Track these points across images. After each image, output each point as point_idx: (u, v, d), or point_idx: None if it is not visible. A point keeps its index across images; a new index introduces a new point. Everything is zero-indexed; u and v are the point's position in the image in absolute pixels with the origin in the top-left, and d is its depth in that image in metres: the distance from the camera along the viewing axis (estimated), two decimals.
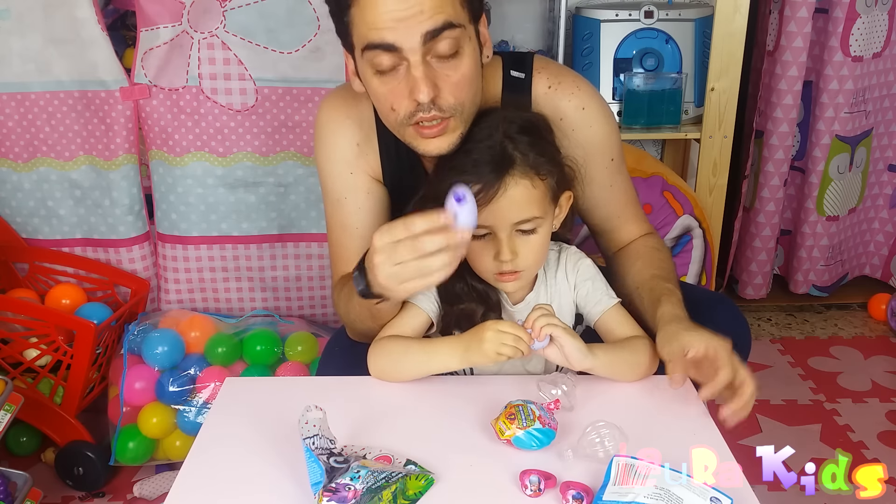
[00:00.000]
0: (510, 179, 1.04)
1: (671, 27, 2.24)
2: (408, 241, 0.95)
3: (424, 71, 1.03)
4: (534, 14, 2.46)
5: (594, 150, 1.21)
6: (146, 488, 1.78)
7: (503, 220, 1.05)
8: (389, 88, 1.07)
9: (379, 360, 1.12)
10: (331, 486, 0.85)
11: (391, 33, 1.01)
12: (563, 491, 0.87)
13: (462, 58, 1.05)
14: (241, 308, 2.03)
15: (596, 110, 1.22)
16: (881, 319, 2.58)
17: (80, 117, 1.87)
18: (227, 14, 1.79)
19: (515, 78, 1.22)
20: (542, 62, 1.24)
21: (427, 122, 1.07)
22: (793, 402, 2.14)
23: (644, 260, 1.25)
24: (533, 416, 0.96)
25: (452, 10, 1.02)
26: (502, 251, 1.06)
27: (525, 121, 1.09)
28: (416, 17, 1.00)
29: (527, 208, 1.05)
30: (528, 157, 1.05)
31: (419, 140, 1.10)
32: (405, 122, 1.09)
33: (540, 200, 1.07)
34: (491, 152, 1.05)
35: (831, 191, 2.53)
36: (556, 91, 1.21)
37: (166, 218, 1.94)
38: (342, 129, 1.23)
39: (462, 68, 1.06)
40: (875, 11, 2.37)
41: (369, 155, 1.24)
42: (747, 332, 1.30)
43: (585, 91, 1.23)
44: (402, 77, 1.05)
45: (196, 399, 1.77)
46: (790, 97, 2.39)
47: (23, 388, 1.76)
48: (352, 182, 1.24)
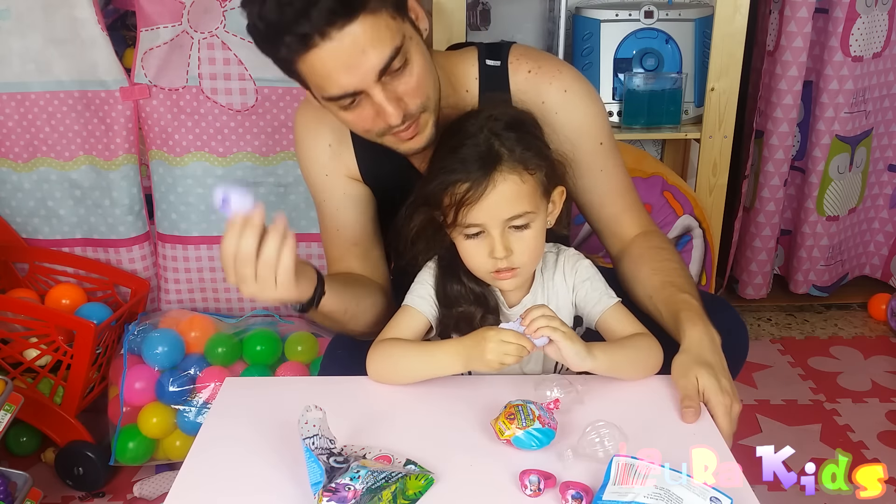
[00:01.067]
0: (498, 176, 1.03)
1: (671, 27, 2.24)
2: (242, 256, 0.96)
3: (385, 95, 1.04)
4: (534, 14, 2.46)
5: (580, 133, 1.21)
6: (146, 488, 1.78)
7: (494, 217, 1.05)
8: (356, 116, 1.09)
9: (378, 363, 1.11)
10: (331, 486, 0.85)
11: (346, 81, 1.02)
12: (563, 491, 0.87)
13: (412, 62, 1.06)
14: (241, 308, 2.03)
15: (579, 92, 1.22)
16: (881, 319, 2.58)
17: (80, 117, 1.87)
18: (227, 14, 1.79)
19: (491, 67, 1.23)
20: (520, 49, 1.24)
21: (403, 130, 1.09)
22: (793, 402, 2.14)
23: (650, 265, 1.23)
24: (533, 416, 0.96)
25: (388, 33, 1.02)
26: (496, 248, 1.05)
27: (511, 118, 1.09)
28: (362, 59, 1.01)
29: (517, 203, 1.05)
30: (515, 152, 1.05)
31: (398, 143, 1.13)
32: (381, 135, 1.11)
33: (530, 195, 1.06)
34: (478, 150, 1.05)
35: (831, 191, 2.53)
36: (536, 75, 1.22)
37: (166, 218, 1.94)
38: (314, 133, 1.25)
39: (415, 71, 1.06)
40: (875, 11, 2.37)
41: (344, 155, 1.25)
42: (745, 338, 1.30)
43: (567, 74, 1.23)
44: (366, 104, 1.06)
45: (196, 399, 1.77)
46: (790, 97, 2.39)
47: (23, 388, 1.76)
48: (328, 184, 1.27)
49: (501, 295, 1.15)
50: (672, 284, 1.19)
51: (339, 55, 1.00)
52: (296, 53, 1.01)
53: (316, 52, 1.00)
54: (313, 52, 1.00)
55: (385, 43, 1.01)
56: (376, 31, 1.00)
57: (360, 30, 0.99)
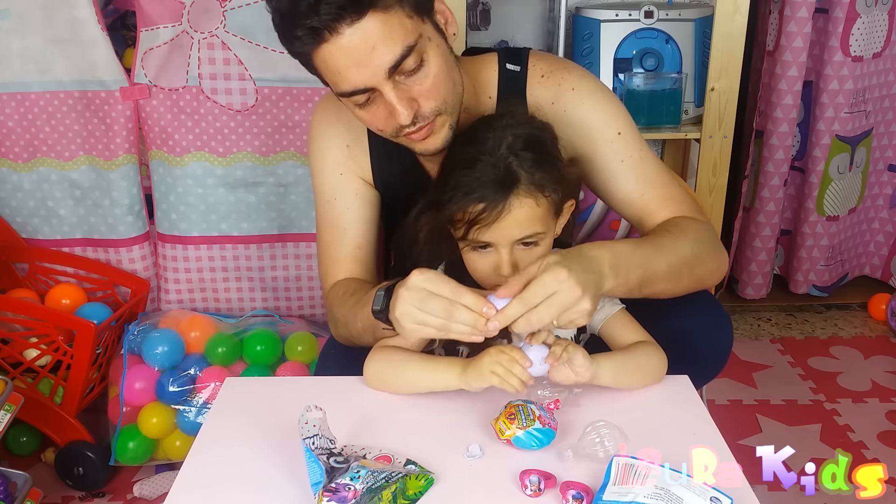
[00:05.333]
0: (514, 200, 1.03)
1: (671, 27, 2.23)
2: (445, 300, 0.97)
3: (397, 95, 1.05)
4: (534, 14, 2.46)
5: (593, 128, 1.21)
6: (146, 488, 1.78)
7: (505, 237, 1.05)
8: (371, 115, 1.10)
9: (376, 369, 1.11)
10: (331, 486, 0.85)
11: (356, 77, 1.03)
12: (563, 491, 0.87)
13: (428, 63, 1.06)
14: (241, 308, 2.03)
15: (588, 88, 1.23)
16: (881, 319, 2.58)
17: (80, 117, 1.87)
18: (227, 14, 1.79)
19: (511, 71, 1.23)
20: (537, 55, 1.25)
21: (415, 132, 1.10)
22: (793, 402, 2.14)
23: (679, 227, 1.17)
24: (533, 415, 0.96)
25: (402, 31, 1.02)
26: (502, 266, 1.06)
27: (530, 135, 1.08)
28: (373, 55, 1.01)
29: (529, 226, 1.05)
30: (534, 175, 1.04)
31: (413, 143, 1.13)
32: (394, 135, 1.12)
33: (543, 217, 1.06)
34: (496, 171, 1.04)
35: (831, 191, 2.53)
36: (548, 78, 1.23)
37: (166, 218, 1.94)
38: (332, 131, 1.26)
39: (431, 72, 1.07)
40: (875, 11, 2.37)
41: (359, 157, 1.26)
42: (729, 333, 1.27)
43: (576, 73, 1.24)
44: (380, 103, 1.07)
45: (196, 399, 1.77)
46: (790, 97, 2.39)
47: (23, 388, 1.76)
48: (341, 183, 1.26)
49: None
50: (653, 233, 1.17)
51: (350, 51, 1.01)
52: (308, 47, 1.03)
53: (326, 46, 1.01)
54: (324, 46, 1.01)
55: (397, 41, 1.02)
56: (388, 28, 1.01)
57: (371, 26, 1.00)
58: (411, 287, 0.98)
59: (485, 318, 0.97)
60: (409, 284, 0.99)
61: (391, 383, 1.10)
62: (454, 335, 0.99)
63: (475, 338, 0.98)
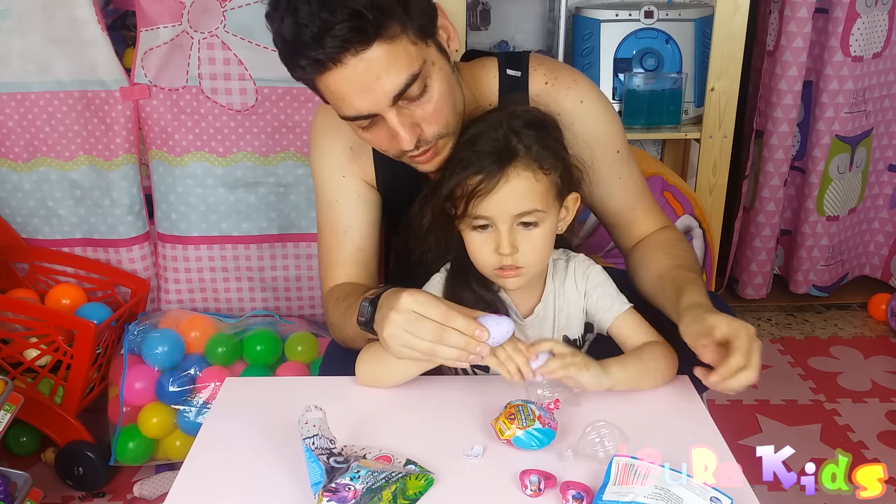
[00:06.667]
0: (512, 171, 1.03)
1: (671, 27, 2.24)
2: (434, 324, 0.97)
3: (400, 120, 1.05)
4: (534, 14, 2.46)
5: (597, 143, 1.21)
6: (146, 488, 1.78)
7: (503, 211, 1.04)
8: (374, 136, 1.10)
9: (368, 367, 1.11)
10: (331, 486, 0.85)
11: (360, 104, 1.03)
12: (563, 491, 0.87)
13: (431, 88, 1.06)
14: (241, 308, 2.03)
15: (595, 102, 1.23)
16: (881, 319, 2.58)
17: (80, 117, 1.87)
18: (227, 14, 1.79)
19: (512, 76, 1.23)
20: (538, 60, 1.24)
21: (418, 155, 1.10)
22: (793, 402, 2.14)
23: (665, 251, 1.24)
24: (533, 416, 0.96)
25: (407, 59, 1.02)
26: (502, 244, 1.05)
27: (532, 117, 1.09)
28: (377, 84, 1.01)
29: (528, 200, 1.04)
30: (532, 149, 1.04)
31: (416, 164, 1.14)
32: (398, 156, 1.13)
33: (543, 194, 1.05)
34: (494, 144, 1.05)
35: (831, 191, 2.53)
36: (552, 86, 1.22)
37: (166, 218, 1.94)
38: (337, 133, 1.25)
39: (434, 97, 1.06)
40: (875, 11, 2.37)
41: (363, 159, 1.25)
42: None
43: (583, 84, 1.23)
44: (383, 126, 1.07)
45: (196, 399, 1.77)
46: (790, 97, 2.39)
47: (23, 388, 1.76)
48: (343, 185, 1.26)
49: (513, 304, 1.14)
50: (684, 268, 1.19)
51: (354, 80, 1.01)
52: (311, 75, 1.03)
53: (330, 75, 1.01)
54: (327, 74, 1.01)
55: (401, 69, 1.01)
56: (393, 57, 1.00)
57: (376, 55, 0.99)
58: (401, 310, 0.98)
59: (476, 342, 0.97)
60: (398, 307, 0.98)
61: (384, 377, 1.10)
62: (440, 360, 1.00)
63: (460, 364, 0.99)
